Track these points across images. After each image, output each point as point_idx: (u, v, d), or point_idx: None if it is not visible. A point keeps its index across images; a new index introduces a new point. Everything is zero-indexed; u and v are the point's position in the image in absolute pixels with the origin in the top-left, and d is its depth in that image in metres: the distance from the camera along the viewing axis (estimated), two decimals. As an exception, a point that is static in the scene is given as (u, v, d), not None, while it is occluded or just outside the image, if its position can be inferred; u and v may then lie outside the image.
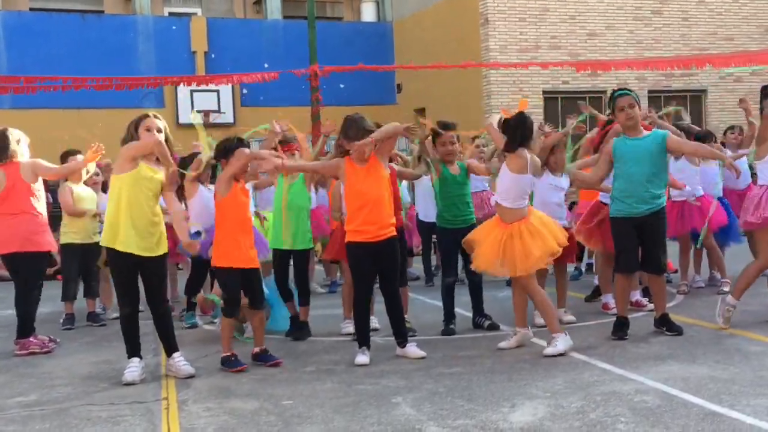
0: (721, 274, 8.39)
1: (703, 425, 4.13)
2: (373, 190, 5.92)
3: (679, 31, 18.87)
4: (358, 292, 6.06)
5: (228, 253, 5.93)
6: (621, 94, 6.35)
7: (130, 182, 5.58)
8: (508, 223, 6.09)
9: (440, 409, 4.66)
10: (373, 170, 5.96)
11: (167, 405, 5.02)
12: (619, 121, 6.37)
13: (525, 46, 17.85)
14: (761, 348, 5.76)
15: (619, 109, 6.31)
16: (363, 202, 5.90)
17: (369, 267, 6.01)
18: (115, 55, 19.58)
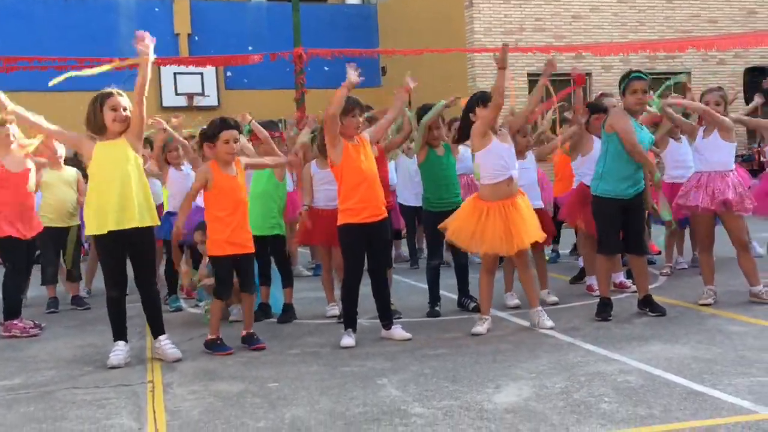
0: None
1: (686, 404, 4.17)
2: (369, 168, 5.94)
3: (663, 13, 18.90)
4: (350, 275, 6.05)
5: (219, 242, 5.91)
6: (638, 77, 6.33)
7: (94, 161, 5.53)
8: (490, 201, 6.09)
9: (425, 390, 4.68)
10: (365, 150, 5.98)
11: (152, 388, 5.03)
12: (629, 102, 6.32)
13: (509, 28, 17.83)
14: (742, 328, 5.81)
15: (632, 92, 6.29)
16: (360, 180, 5.89)
17: (362, 249, 6.02)
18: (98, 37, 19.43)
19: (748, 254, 6.77)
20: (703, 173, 6.67)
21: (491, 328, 6.19)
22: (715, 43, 14.78)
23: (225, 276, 6.00)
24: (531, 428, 3.94)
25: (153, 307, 5.82)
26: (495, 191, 6.06)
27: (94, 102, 5.58)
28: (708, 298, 6.66)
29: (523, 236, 6.00)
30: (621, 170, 6.28)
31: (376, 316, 6.26)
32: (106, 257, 5.69)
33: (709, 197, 6.54)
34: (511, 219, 5.98)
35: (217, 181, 5.89)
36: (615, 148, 6.29)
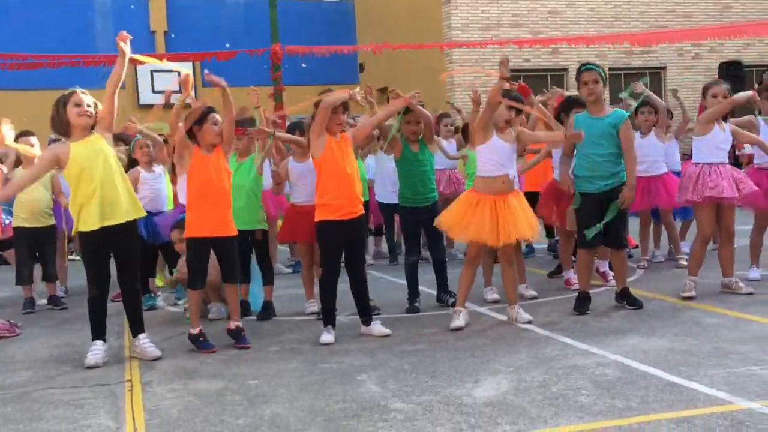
0: (676, 250, 8.55)
1: (662, 396, 4.21)
2: (349, 166, 5.94)
3: (638, 8, 19.04)
4: (328, 271, 6.05)
5: (197, 222, 5.88)
6: (586, 69, 6.41)
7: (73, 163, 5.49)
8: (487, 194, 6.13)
9: (405, 385, 4.70)
10: (347, 148, 5.99)
11: (131, 387, 5.00)
12: (582, 94, 6.44)
13: (487, 24, 17.90)
14: (718, 320, 5.87)
15: (583, 84, 6.37)
16: (338, 176, 5.88)
17: (339, 246, 6.03)
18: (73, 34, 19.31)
19: (732, 246, 6.84)
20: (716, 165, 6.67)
21: (469, 321, 6.22)
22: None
23: (199, 260, 5.93)
24: (509, 421, 3.96)
25: (134, 305, 5.79)
26: (488, 185, 6.10)
27: (57, 102, 5.56)
28: (691, 290, 6.69)
29: (511, 230, 6.02)
30: (585, 167, 6.36)
31: (355, 312, 6.26)
32: (91, 255, 5.64)
33: (734, 187, 6.59)
34: (501, 213, 6.02)
35: (196, 160, 5.87)
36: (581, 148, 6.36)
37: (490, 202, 6.05)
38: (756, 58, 19.80)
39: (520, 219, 6.10)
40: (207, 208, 5.87)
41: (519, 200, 6.21)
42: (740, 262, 7.16)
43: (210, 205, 5.87)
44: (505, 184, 6.12)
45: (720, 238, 6.87)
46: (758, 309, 6.12)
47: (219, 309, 6.96)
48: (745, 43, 19.73)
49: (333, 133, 5.96)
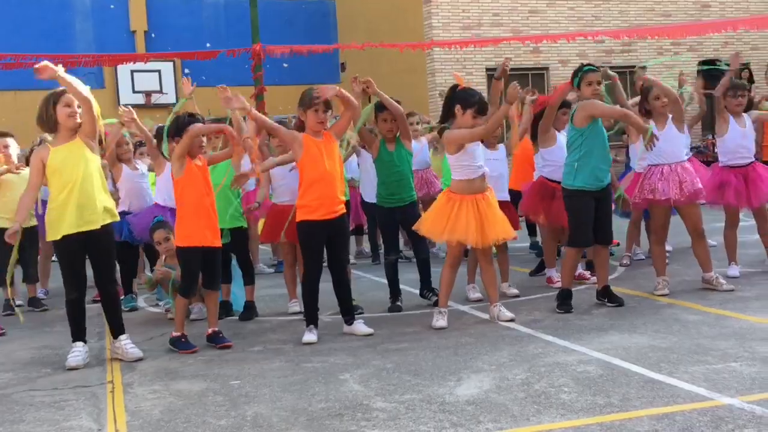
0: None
1: (643, 393, 4.24)
2: (330, 165, 5.91)
3: (618, 7, 19.13)
4: (310, 271, 6.04)
5: (188, 232, 5.88)
6: (591, 69, 6.45)
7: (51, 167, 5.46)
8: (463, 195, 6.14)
9: (387, 384, 4.70)
10: (329, 145, 5.97)
11: (112, 388, 4.98)
12: (585, 94, 6.41)
13: (467, 23, 17.92)
14: (698, 317, 5.91)
15: (587, 83, 6.38)
16: (319, 176, 5.87)
17: (321, 246, 6.02)
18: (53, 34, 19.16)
19: (704, 242, 6.89)
20: (664, 165, 6.73)
21: (451, 321, 6.23)
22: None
23: (192, 270, 5.94)
24: (492, 419, 3.98)
25: (113, 307, 5.76)
26: (469, 186, 6.12)
27: (47, 100, 5.51)
28: (663, 288, 6.77)
29: (496, 230, 6.06)
30: (597, 162, 6.37)
31: (337, 312, 6.26)
32: (67, 259, 5.60)
33: (677, 188, 6.63)
34: (483, 212, 6.04)
35: (188, 172, 5.86)
36: (589, 141, 6.35)
37: (472, 202, 6.06)
38: (734, 57, 19.92)
39: (499, 217, 6.14)
40: (198, 219, 5.88)
41: (494, 197, 6.23)
42: (718, 260, 7.21)
43: (201, 216, 5.89)
44: (483, 182, 6.16)
45: (690, 237, 6.90)
46: (738, 306, 6.17)
47: (200, 309, 6.93)
48: (724, 42, 19.86)
49: (314, 133, 5.95)
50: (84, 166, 5.47)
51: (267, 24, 16.74)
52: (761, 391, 4.14)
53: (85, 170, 5.47)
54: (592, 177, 6.38)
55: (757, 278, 7.24)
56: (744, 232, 8.21)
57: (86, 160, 5.49)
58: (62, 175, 5.45)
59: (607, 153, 6.49)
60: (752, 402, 3.97)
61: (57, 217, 5.48)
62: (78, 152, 5.48)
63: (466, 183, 6.12)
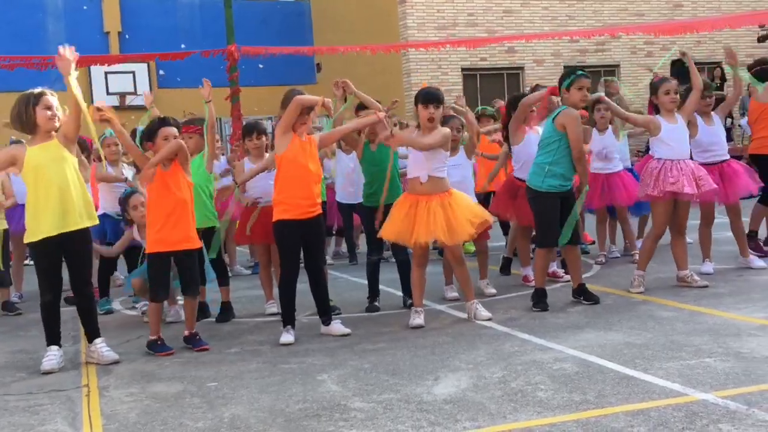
0: (631, 246, 8.67)
1: (619, 389, 4.27)
2: (309, 166, 5.91)
3: (592, 7, 19.27)
4: (287, 271, 6.03)
5: (157, 237, 5.83)
6: (585, 75, 6.48)
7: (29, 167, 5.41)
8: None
9: (365, 384, 4.70)
10: (311, 150, 5.97)
11: (88, 392, 4.94)
12: (574, 98, 6.42)
13: (443, 23, 17.98)
14: (672, 313, 5.96)
15: (579, 88, 6.40)
16: (297, 174, 5.86)
17: (297, 246, 6.01)
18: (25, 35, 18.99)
19: (684, 240, 6.96)
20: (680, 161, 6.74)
21: (428, 320, 6.24)
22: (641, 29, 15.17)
23: (158, 276, 5.91)
24: (469, 417, 3.99)
25: (88, 310, 5.72)
26: (412, 187, 6.21)
27: (26, 101, 5.43)
28: (639, 286, 6.81)
29: (431, 231, 6.00)
30: (567, 167, 6.40)
31: (315, 312, 6.26)
32: (43, 261, 5.54)
33: (693, 183, 6.66)
34: (419, 214, 6.03)
35: (160, 175, 5.81)
36: (565, 145, 6.37)
37: (412, 201, 6.12)
38: (707, 56, 20.11)
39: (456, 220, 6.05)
40: (168, 224, 5.81)
41: (456, 200, 6.17)
42: (692, 257, 7.28)
43: (171, 221, 5.81)
44: (425, 185, 6.11)
45: (671, 233, 6.96)
46: (711, 302, 6.24)
47: (177, 312, 6.90)
48: (696, 41, 20.05)
49: (298, 133, 5.94)
50: (64, 167, 5.42)
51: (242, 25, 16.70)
52: (735, 386, 4.18)
53: (65, 171, 5.42)
54: (562, 180, 6.42)
55: (730, 275, 7.32)
56: (717, 229, 8.28)
57: (65, 160, 5.44)
58: (41, 175, 5.38)
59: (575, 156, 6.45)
60: (726, 397, 4.01)
61: (35, 218, 5.42)
62: (57, 153, 5.43)
63: (411, 182, 6.22)
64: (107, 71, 19.51)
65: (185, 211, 5.90)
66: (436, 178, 6.12)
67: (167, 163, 5.85)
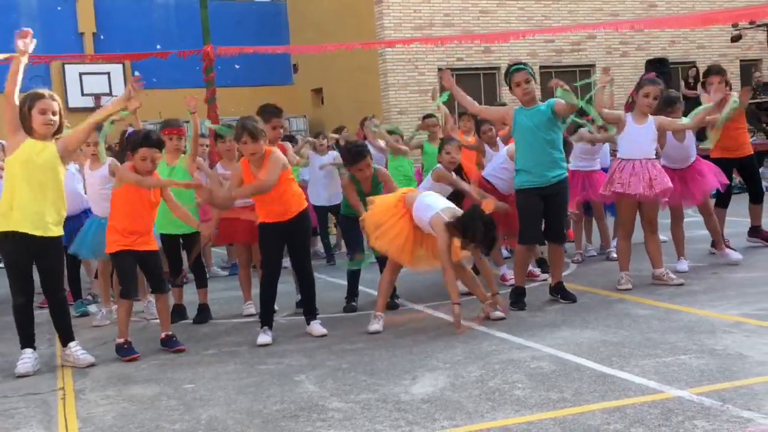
0: (606, 244, 8.73)
1: (595, 387, 4.30)
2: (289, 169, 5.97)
3: (567, 7, 19.36)
4: (267, 273, 6.02)
5: (118, 237, 5.81)
6: (516, 69, 6.44)
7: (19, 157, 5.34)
8: None
9: (343, 384, 4.70)
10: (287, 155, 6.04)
11: (63, 395, 4.90)
12: (516, 95, 6.48)
13: (419, 23, 18.00)
14: (648, 311, 6.01)
15: (516, 84, 6.41)
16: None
17: (279, 247, 6.00)
18: (-3, 36, 18.80)
19: (656, 238, 7.01)
20: (635, 161, 6.81)
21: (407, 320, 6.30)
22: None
23: (125, 271, 5.86)
24: (447, 417, 4.00)
25: (61, 314, 5.67)
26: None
27: (24, 100, 5.38)
28: (627, 284, 6.85)
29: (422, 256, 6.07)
30: (527, 159, 6.38)
31: (292, 313, 6.25)
32: (12, 261, 5.49)
33: (646, 184, 6.72)
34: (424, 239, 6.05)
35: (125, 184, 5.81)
36: (520, 140, 6.42)
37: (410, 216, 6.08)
38: (681, 56, 20.30)
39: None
40: (129, 224, 5.80)
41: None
42: (667, 255, 7.34)
43: (132, 222, 5.80)
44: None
45: (644, 232, 7.02)
46: (686, 299, 6.29)
47: (104, 315, 6.97)
48: (671, 41, 20.23)
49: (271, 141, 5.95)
50: (51, 170, 5.39)
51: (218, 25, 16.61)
52: (710, 382, 4.22)
53: (50, 175, 5.39)
54: (530, 174, 6.38)
55: (705, 272, 7.39)
56: (692, 227, 8.38)
57: (54, 166, 5.41)
58: (30, 170, 5.32)
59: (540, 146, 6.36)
60: (701, 394, 4.04)
61: (8, 208, 5.34)
62: (52, 156, 5.39)
63: None
64: (82, 72, 19.36)
65: (151, 214, 5.91)
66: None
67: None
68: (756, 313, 5.66)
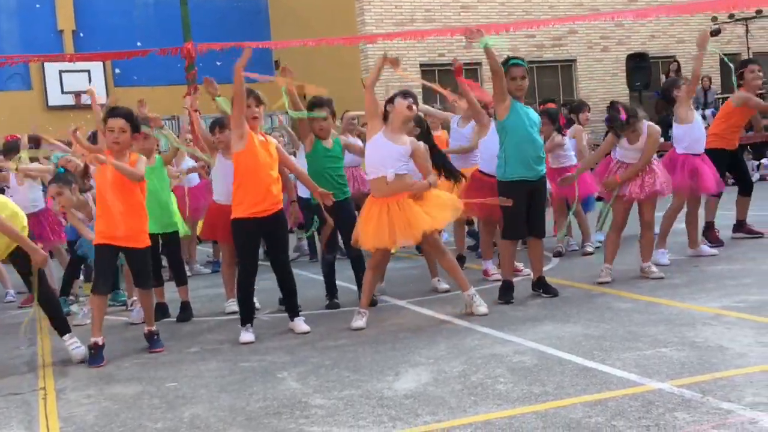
0: (585, 238, 8.77)
1: (577, 380, 4.31)
2: (268, 164, 5.87)
3: (548, 2, 19.42)
4: (245, 269, 6.00)
5: (100, 229, 5.74)
6: (515, 64, 6.49)
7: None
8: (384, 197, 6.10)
9: (326, 381, 4.70)
10: (269, 149, 5.92)
11: (44, 395, 4.88)
12: (509, 88, 6.45)
13: (400, 19, 18.01)
14: (630, 305, 6.04)
15: (511, 78, 6.43)
16: (255, 170, 5.81)
17: (256, 244, 5.97)
18: (-24, 35, 18.66)
19: (651, 233, 7.07)
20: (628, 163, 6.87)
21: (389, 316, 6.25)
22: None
23: (103, 267, 5.75)
24: (429, 412, 4.01)
25: (48, 306, 5.67)
26: (374, 187, 6.13)
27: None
28: (606, 276, 6.90)
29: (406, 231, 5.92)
30: (522, 150, 6.39)
31: (275, 310, 6.24)
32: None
33: (638, 187, 6.79)
34: (395, 215, 5.93)
35: (103, 169, 5.66)
36: (513, 131, 6.40)
37: (382, 205, 6.00)
38: (661, 50, 20.41)
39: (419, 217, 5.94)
40: (115, 218, 5.68)
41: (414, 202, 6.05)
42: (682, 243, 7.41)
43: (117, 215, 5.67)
44: (390, 186, 5.99)
45: (640, 226, 7.07)
46: (667, 292, 6.33)
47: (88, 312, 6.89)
48: (650, 36, 20.33)
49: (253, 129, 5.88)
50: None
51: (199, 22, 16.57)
52: (690, 375, 4.25)
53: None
54: (523, 166, 6.41)
55: (686, 265, 7.44)
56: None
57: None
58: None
59: (536, 141, 6.47)
60: (681, 386, 4.07)
61: None
62: None
63: (372, 183, 6.17)
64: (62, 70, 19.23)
65: (136, 208, 5.77)
66: (401, 175, 6.04)
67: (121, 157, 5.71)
68: (736, 305, 5.70)
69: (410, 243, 6.24)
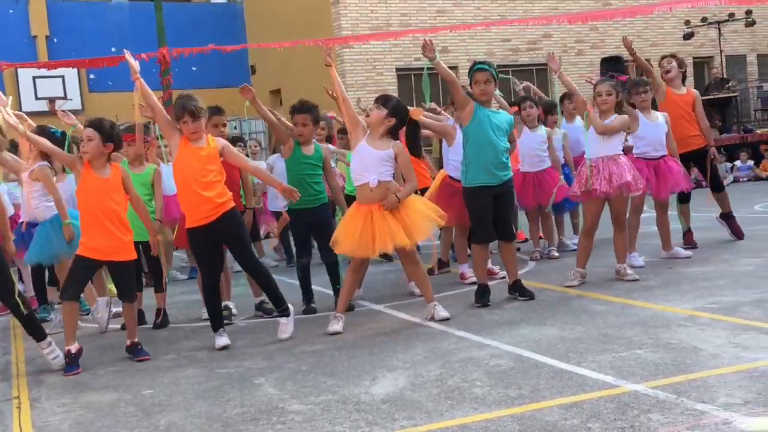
0: (549, 241, 8.85)
1: (553, 383, 4.34)
2: (197, 170, 5.72)
3: (523, 6, 19.54)
4: (204, 276, 5.98)
5: (85, 241, 5.67)
6: (479, 69, 6.50)
7: None
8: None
9: (303, 386, 4.69)
10: (209, 152, 5.79)
11: (19, 404, 4.83)
12: (474, 92, 6.50)
13: (376, 23, 18.03)
14: (605, 307, 6.08)
15: (475, 82, 6.47)
16: (181, 180, 5.77)
17: (210, 250, 5.90)
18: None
19: (624, 233, 7.11)
20: (597, 159, 6.90)
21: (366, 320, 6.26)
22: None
23: (79, 276, 5.67)
24: (406, 416, 4.01)
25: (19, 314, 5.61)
26: (359, 194, 6.12)
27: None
28: (574, 279, 6.94)
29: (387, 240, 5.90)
30: (484, 155, 6.41)
31: (251, 316, 6.23)
32: None
33: (606, 181, 6.80)
34: (377, 223, 5.92)
35: (85, 179, 5.65)
36: (474, 137, 6.44)
37: (366, 212, 5.99)
38: (635, 54, 20.55)
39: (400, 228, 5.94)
40: (98, 232, 5.63)
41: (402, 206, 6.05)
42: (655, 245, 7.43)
43: (98, 229, 5.62)
44: (374, 193, 6.01)
45: (613, 227, 7.11)
46: (642, 294, 6.38)
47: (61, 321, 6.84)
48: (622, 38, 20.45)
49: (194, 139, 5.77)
50: None
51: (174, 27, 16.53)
52: (665, 376, 4.28)
53: None
54: (484, 172, 6.43)
55: (660, 268, 7.49)
56: (649, 222, 8.48)
57: None
58: None
59: (499, 147, 6.45)
60: (656, 387, 4.10)
61: None
62: None
63: (357, 190, 6.17)
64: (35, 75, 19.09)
65: (118, 220, 5.71)
66: (385, 182, 6.05)
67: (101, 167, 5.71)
68: (710, 307, 5.76)
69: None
